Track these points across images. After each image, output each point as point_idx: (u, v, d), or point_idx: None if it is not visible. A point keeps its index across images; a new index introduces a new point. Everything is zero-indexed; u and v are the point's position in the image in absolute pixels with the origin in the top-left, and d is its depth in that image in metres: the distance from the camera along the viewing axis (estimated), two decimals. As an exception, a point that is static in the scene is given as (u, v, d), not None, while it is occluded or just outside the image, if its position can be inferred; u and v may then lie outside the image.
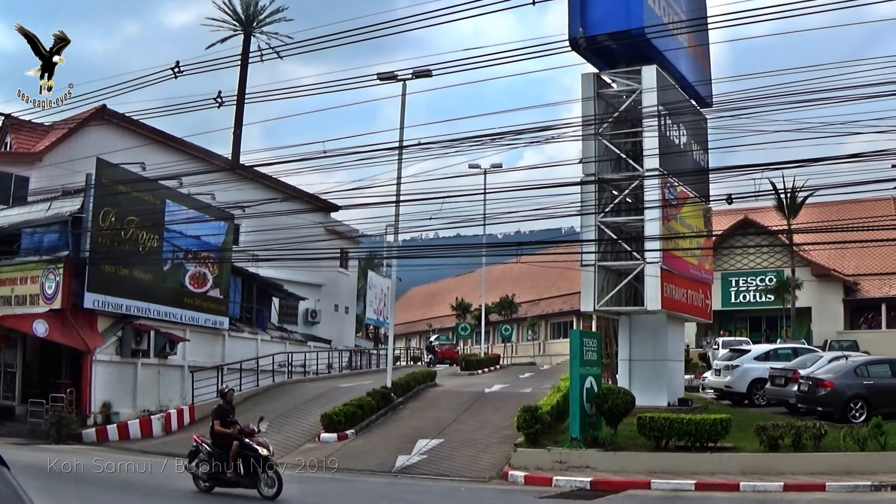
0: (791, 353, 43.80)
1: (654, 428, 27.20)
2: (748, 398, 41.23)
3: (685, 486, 23.86)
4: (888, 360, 38.31)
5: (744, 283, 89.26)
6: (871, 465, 24.92)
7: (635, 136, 36.06)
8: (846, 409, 33.78)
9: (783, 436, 26.44)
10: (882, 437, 26.03)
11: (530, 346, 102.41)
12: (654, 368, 36.65)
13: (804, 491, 23.38)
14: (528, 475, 25.71)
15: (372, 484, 25.89)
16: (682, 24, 38.43)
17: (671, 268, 36.20)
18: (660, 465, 25.87)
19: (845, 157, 30.99)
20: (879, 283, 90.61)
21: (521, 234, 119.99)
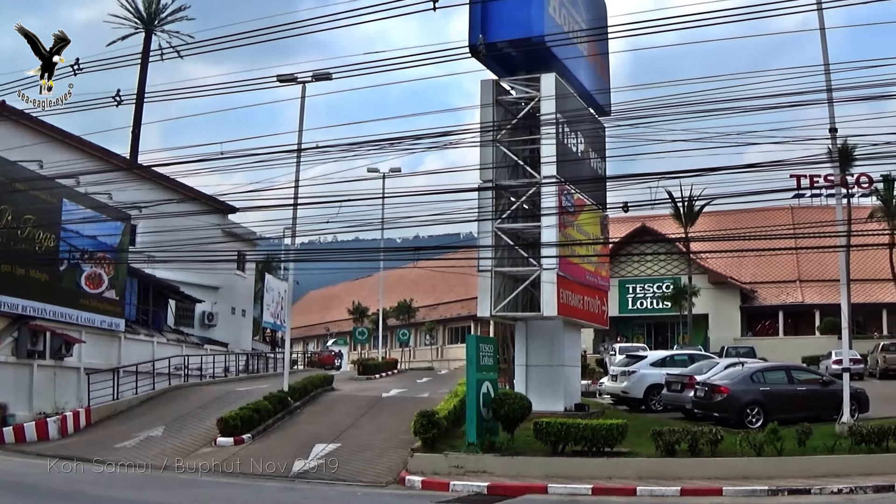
0: (687, 360, 44.30)
1: (550, 433, 27.27)
2: (645, 404, 41.63)
3: (582, 490, 23.91)
4: (784, 367, 38.98)
5: (641, 289, 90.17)
6: (768, 470, 25.19)
7: (533, 143, 36.21)
8: (742, 414, 34.26)
9: (680, 441, 26.63)
10: (778, 443, 26.32)
11: (428, 350, 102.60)
12: (550, 374, 36.85)
13: (701, 495, 23.61)
14: (425, 480, 25.61)
15: (269, 489, 25.66)
16: (583, 33, 38.68)
17: (567, 274, 36.41)
18: (557, 469, 25.93)
19: (742, 166, 31.36)
20: (776, 290, 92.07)
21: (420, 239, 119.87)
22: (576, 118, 37.62)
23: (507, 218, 36.25)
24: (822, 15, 32.00)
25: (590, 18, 40.17)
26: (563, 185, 35.71)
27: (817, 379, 38.18)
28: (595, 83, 40.67)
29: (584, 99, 39.45)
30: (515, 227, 36.53)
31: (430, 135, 32.38)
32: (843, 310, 34.57)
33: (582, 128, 38.49)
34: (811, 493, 23.35)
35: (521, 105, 36.69)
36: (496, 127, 35.71)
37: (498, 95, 36.64)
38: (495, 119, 35.94)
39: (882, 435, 26.47)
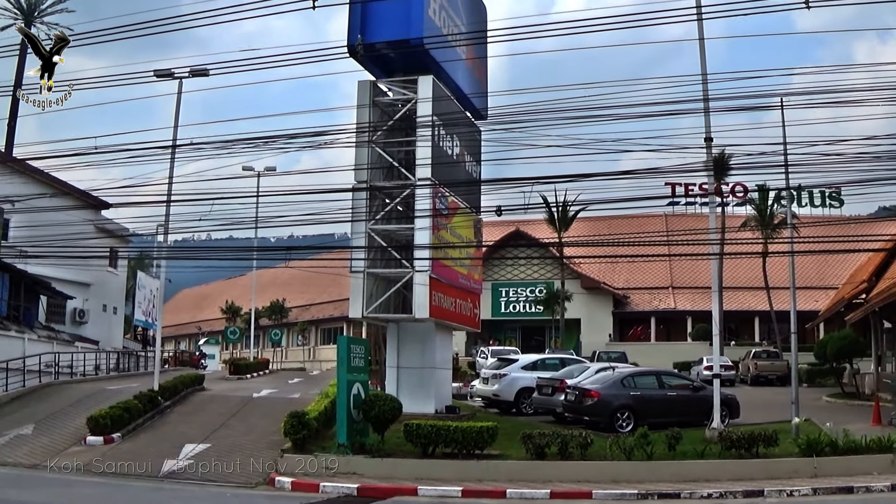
0: (559, 363, 44.56)
1: (421, 435, 27.19)
2: (516, 407, 41.76)
3: (452, 492, 23.92)
4: (655, 372, 39.43)
5: (514, 293, 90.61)
6: (638, 474, 25.39)
7: (409, 145, 36.17)
8: (613, 418, 34.59)
9: (550, 444, 26.70)
10: (648, 447, 26.56)
11: (300, 351, 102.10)
12: (421, 376, 36.81)
13: (571, 498, 23.75)
14: (295, 481, 25.39)
15: (138, 489, 25.25)
16: (462, 37, 38.75)
17: (440, 277, 36.42)
18: (427, 471, 25.87)
19: (617, 173, 31.63)
20: (649, 296, 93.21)
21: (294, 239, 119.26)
22: (452, 121, 37.65)
23: (381, 219, 36.13)
24: (701, 25, 32.40)
25: (469, 22, 40.26)
26: (437, 188, 35.72)
27: (688, 384, 38.72)
28: (472, 87, 40.74)
29: (461, 102, 39.51)
30: (389, 228, 36.42)
31: (305, 134, 32.22)
32: (715, 316, 35.04)
33: (458, 131, 38.53)
34: (681, 497, 23.59)
35: (398, 107, 36.63)
36: (372, 128, 35.61)
37: (375, 96, 36.52)
38: (371, 120, 35.83)
39: (752, 441, 26.82)
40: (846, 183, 35.25)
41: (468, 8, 40.61)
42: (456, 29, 38.35)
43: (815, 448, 26.53)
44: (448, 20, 37.66)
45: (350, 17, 34.86)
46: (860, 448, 26.76)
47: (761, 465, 26.10)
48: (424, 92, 35.36)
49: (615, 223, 76.74)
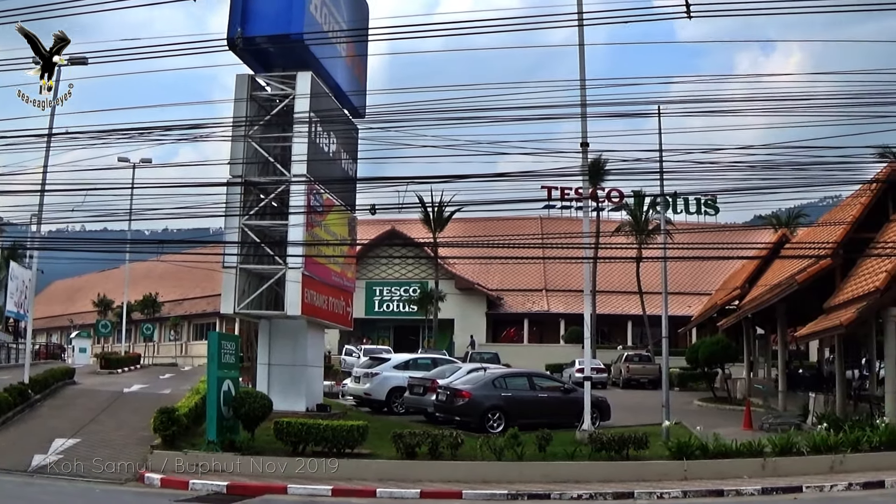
0: (430, 363, 44.66)
1: (291, 433, 27.00)
2: (387, 406, 41.75)
3: (322, 491, 23.79)
4: (526, 373, 39.67)
5: (388, 292, 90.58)
6: (508, 475, 25.49)
7: (285, 141, 35.87)
8: (484, 419, 34.83)
9: (420, 444, 26.68)
10: (519, 448, 26.67)
11: (173, 346, 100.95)
12: (293, 373, 36.52)
13: (441, 498, 23.81)
14: (164, 478, 25.02)
15: (5, 483, 24.64)
16: (343, 34, 38.57)
17: (313, 274, 36.22)
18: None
19: (494, 175, 31.69)
20: (522, 298, 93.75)
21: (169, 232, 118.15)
22: (329, 118, 37.46)
23: (255, 215, 35.75)
24: (581, 31, 32.65)
25: (351, 19, 40.08)
26: (312, 185, 35.51)
27: (559, 386, 39.08)
28: (351, 84, 40.57)
29: (340, 99, 39.30)
30: (263, 224, 36.07)
31: (182, 126, 31.81)
32: (586, 319, 35.40)
33: (335, 128, 38.36)
34: (551, 498, 23.72)
35: (276, 102, 36.30)
36: (249, 123, 35.28)
37: (253, 91, 36.14)
38: (249, 115, 35.48)
39: (622, 443, 27.04)
40: (721, 191, 35.78)
41: (350, 5, 40.41)
42: (337, 26, 38.14)
43: (686, 451, 26.83)
44: (329, 17, 37.45)
45: (231, 10, 34.46)
46: (730, 452, 27.11)
47: (631, 467, 26.35)
48: (302, 88, 35.08)
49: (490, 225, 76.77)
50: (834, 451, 27.19)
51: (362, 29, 40.00)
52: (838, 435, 28.17)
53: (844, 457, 26.95)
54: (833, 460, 26.83)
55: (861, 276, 34.49)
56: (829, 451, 27.20)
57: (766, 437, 28.76)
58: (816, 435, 28.52)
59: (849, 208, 39.78)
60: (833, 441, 27.66)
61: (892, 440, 27.94)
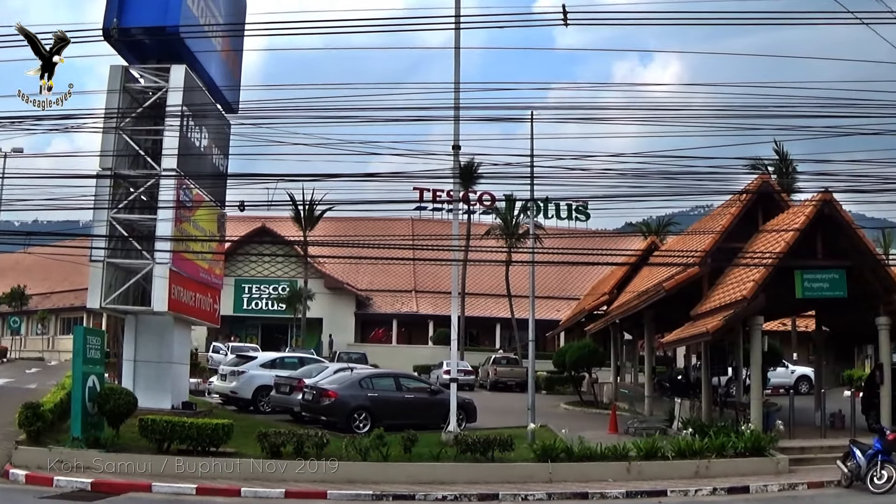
0: (297, 362, 44.58)
1: (156, 430, 26.64)
2: (254, 404, 41.52)
3: (186, 489, 23.50)
4: (393, 374, 39.79)
5: (257, 290, 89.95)
6: (373, 475, 25.47)
7: (157, 135, 35.44)
8: (350, 419, 34.86)
9: (285, 443, 26.56)
10: (384, 448, 26.68)
11: (40, 340, 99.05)
12: (159, 370, 36.06)
13: (305, 498, 23.74)
14: (29, 474, 24.52)
15: None
16: (219, 28, 38.23)
17: (181, 270, 35.84)
18: (162, 468, 25.22)
19: (365, 175, 31.71)
20: (391, 299, 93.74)
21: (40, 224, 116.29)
22: (202, 113, 37.13)
23: (124, 208, 35.22)
24: (458, 34, 32.75)
25: (228, 14, 39.76)
26: (182, 180, 35.13)
27: (426, 388, 39.22)
28: (226, 79, 40.21)
29: (213, 94, 38.92)
30: (131, 218, 35.55)
31: (53, 116, 31.23)
32: (453, 321, 35.49)
33: (207, 123, 38.01)
34: (415, 499, 23.84)
35: (149, 94, 35.83)
36: (120, 114, 34.77)
37: (127, 82, 35.56)
38: (121, 106, 34.96)
39: (487, 445, 27.18)
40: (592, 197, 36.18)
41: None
42: (214, 20, 37.80)
43: (551, 454, 27.09)
44: (206, 10, 37.10)
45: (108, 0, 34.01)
46: (596, 455, 27.44)
47: (497, 469, 26.54)
48: (176, 81, 34.67)
49: (361, 225, 76.94)
50: (699, 457, 27.70)
51: (239, 24, 39.71)
52: (703, 440, 28.68)
53: (709, 462, 27.48)
54: (698, 465, 27.32)
55: (729, 284, 35.07)
56: (695, 456, 27.70)
57: (632, 442, 29.17)
58: (682, 440, 28.97)
59: (719, 218, 40.47)
60: (698, 446, 28.14)
61: (756, 446, 28.60)
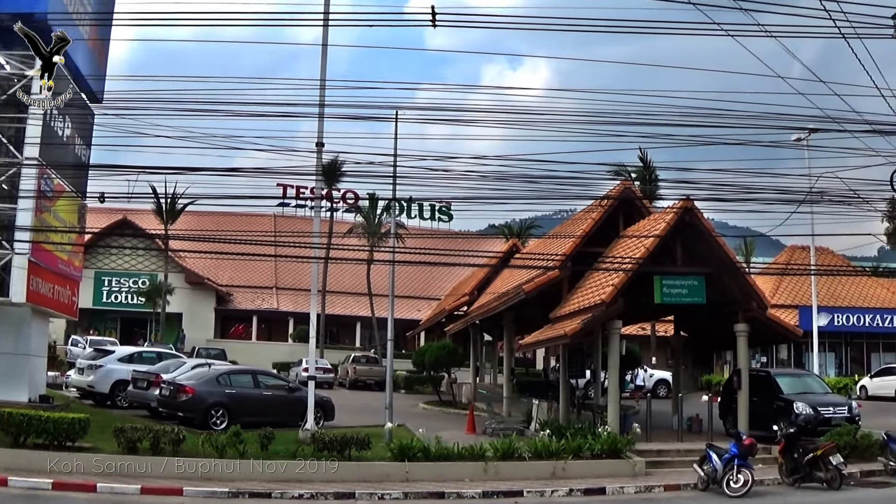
0: (155, 357, 44.23)
1: (12, 424, 26.24)
2: (111, 399, 41.05)
3: (43, 484, 23.14)
4: (251, 371, 39.68)
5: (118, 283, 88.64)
6: (230, 473, 25.51)
7: (19, 122, 34.90)
8: (207, 415, 34.74)
9: (142, 438, 26.42)
10: (241, 445, 26.67)
11: None
12: (15, 362, 35.40)
13: (162, 494, 23.63)
14: None
15: None
16: (87, 17, 37.74)
17: (40, 261, 35.26)
18: (18, 462, 24.86)
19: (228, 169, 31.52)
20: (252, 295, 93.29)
21: None
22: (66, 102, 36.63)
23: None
24: (326, 31, 32.78)
25: (96, 3, 39.24)
26: (43, 169, 34.63)
27: (284, 385, 39.25)
28: (91, 69, 39.65)
29: (78, 83, 38.34)
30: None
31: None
32: (312, 319, 35.53)
33: (71, 112, 37.48)
34: (272, 497, 23.91)
35: (14, 81, 35.30)
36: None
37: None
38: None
39: (344, 443, 27.36)
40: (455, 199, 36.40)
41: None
42: (83, 8, 37.22)
43: (408, 453, 27.31)
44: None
45: (-20, -14, 33.40)
46: (452, 455, 27.71)
47: (354, 467, 26.70)
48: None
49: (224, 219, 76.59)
50: (556, 458, 28.14)
51: (107, 13, 39.24)
52: (561, 442, 29.14)
53: (566, 463, 27.93)
54: (555, 466, 27.76)
55: (588, 288, 35.58)
56: (551, 458, 28.14)
57: (489, 442, 29.51)
58: (539, 441, 29.41)
59: (580, 222, 40.97)
60: (555, 447, 28.58)
61: (613, 448, 29.12)
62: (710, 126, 30.90)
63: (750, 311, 34.81)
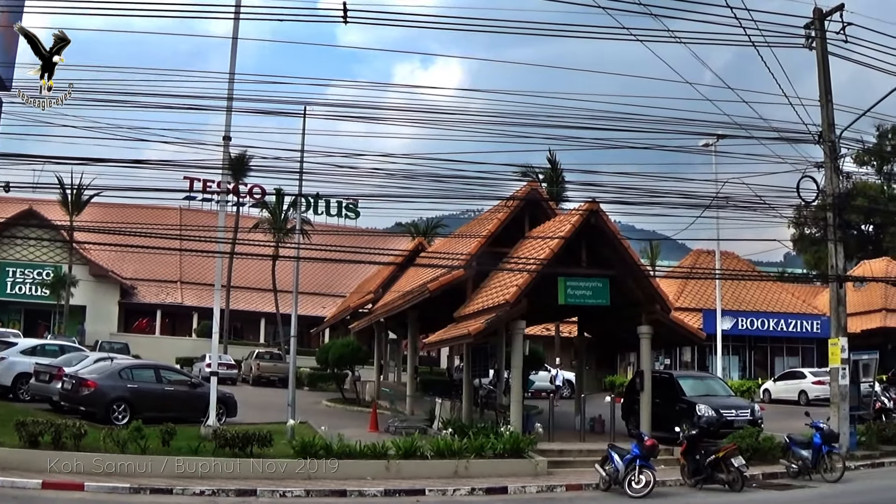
0: (58, 350, 43.73)
1: None
2: (13, 392, 40.59)
3: (-61, 479, 23.00)
4: (154, 366, 39.44)
5: (21, 274, 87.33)
6: (131, 468, 25.35)
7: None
8: (109, 410, 34.44)
9: (43, 433, 26.24)
10: (143, 441, 26.59)
11: None
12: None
13: (63, 490, 23.37)
14: None
15: None
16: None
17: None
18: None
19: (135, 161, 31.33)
20: (157, 289, 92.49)
21: None
22: (-28, 90, 36.23)
23: None
24: (237, 24, 32.69)
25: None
26: (-52, 157, 34.24)
27: (187, 380, 39.02)
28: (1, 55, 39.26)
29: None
30: None
31: None
32: (216, 314, 35.47)
33: (-24, 101, 37.06)
34: (173, 493, 23.87)
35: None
36: None
37: None
38: None
39: (246, 440, 27.33)
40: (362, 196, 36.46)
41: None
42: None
43: (310, 451, 27.33)
44: (-21, -17, 36.16)
45: None
46: (354, 453, 27.78)
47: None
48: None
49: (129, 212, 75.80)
50: (458, 457, 28.29)
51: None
52: (463, 441, 29.31)
53: (469, 462, 28.09)
54: (457, 465, 27.91)
55: (493, 288, 35.78)
56: (454, 456, 28.28)
57: (392, 440, 29.60)
58: (441, 440, 29.52)
59: (486, 222, 41.23)
60: (458, 446, 28.73)
61: (515, 448, 29.33)
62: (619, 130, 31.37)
63: (653, 313, 35.27)
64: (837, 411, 33.88)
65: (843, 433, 33.18)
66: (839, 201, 34.62)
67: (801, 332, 72.23)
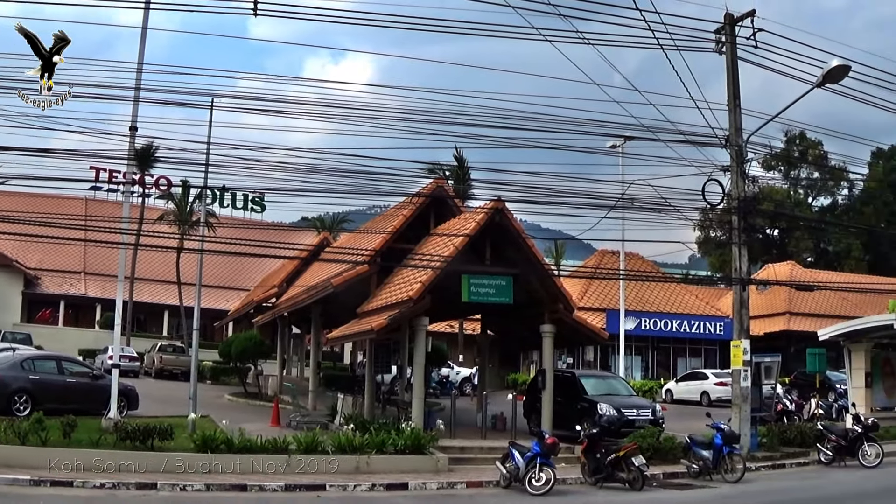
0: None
1: None
2: None
3: None
4: (56, 357, 39.13)
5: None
6: (32, 460, 25.19)
7: None
8: (10, 402, 34.11)
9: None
10: (44, 432, 26.43)
11: None
12: None
13: (-39, 481, 23.14)
14: None
15: None
16: None
17: None
18: None
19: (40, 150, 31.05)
20: (60, 279, 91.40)
21: None
22: None
23: None
24: (147, 14, 32.51)
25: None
26: None
27: (88, 372, 38.76)
28: None
29: None
30: None
31: None
32: (118, 306, 35.36)
33: None
34: (74, 485, 23.67)
35: None
36: None
37: None
38: None
39: (147, 433, 27.27)
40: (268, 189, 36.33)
41: None
42: None
43: (211, 445, 27.31)
44: None
45: None
46: (255, 447, 27.76)
47: (156, 458, 26.52)
48: None
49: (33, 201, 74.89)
50: (359, 452, 28.37)
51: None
52: (365, 436, 29.39)
53: (370, 458, 28.20)
54: (358, 461, 27.99)
55: (397, 284, 35.88)
56: (355, 452, 28.37)
57: (293, 435, 29.68)
58: (343, 435, 29.60)
59: (391, 219, 41.27)
60: (359, 442, 28.84)
61: (416, 444, 29.49)
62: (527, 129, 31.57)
63: (556, 312, 35.57)
64: (739, 413, 34.28)
65: (744, 434, 33.61)
66: (745, 205, 35.08)
67: (704, 333, 73.27)
